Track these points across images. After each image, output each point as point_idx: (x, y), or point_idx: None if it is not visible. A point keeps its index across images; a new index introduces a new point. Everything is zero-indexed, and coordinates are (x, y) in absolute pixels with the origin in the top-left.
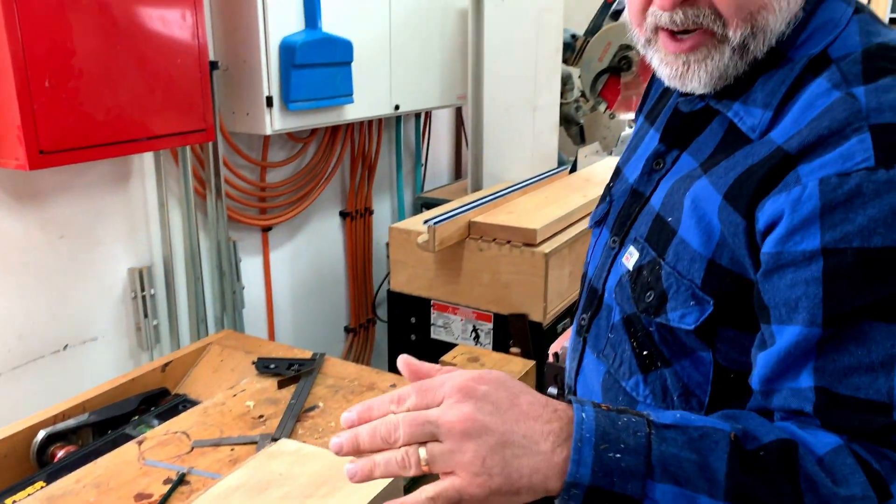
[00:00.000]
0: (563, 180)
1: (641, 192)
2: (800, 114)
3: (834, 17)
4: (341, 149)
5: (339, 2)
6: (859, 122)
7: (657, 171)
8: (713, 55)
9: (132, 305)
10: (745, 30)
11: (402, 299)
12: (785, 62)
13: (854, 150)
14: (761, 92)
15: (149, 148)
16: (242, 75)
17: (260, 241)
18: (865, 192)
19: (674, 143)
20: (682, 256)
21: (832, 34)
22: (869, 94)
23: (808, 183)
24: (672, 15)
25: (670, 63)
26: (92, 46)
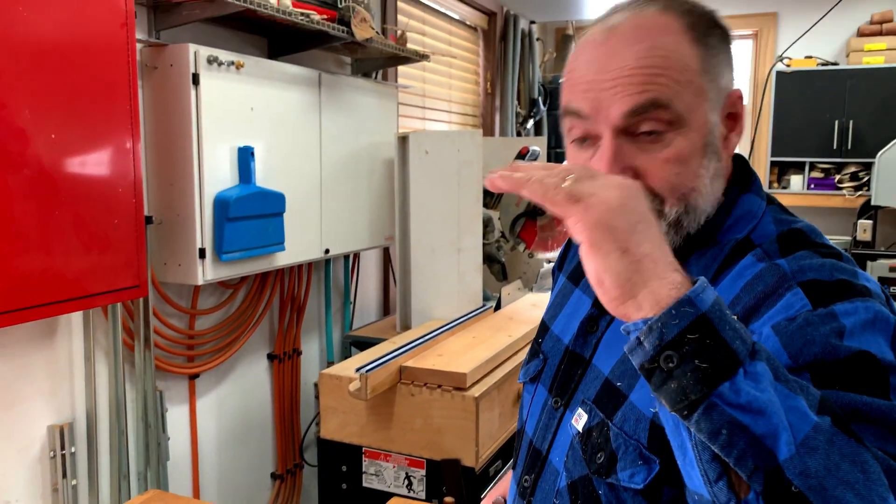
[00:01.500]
0: (488, 319)
1: (580, 354)
2: (730, 283)
3: (752, 209)
4: (271, 293)
5: (273, 156)
6: (788, 283)
7: (592, 334)
8: None
9: (49, 465)
10: (679, 208)
11: (332, 447)
12: (715, 243)
13: (792, 302)
14: (696, 267)
15: (82, 307)
16: (176, 228)
17: (187, 389)
18: (814, 322)
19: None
20: (628, 417)
21: (752, 223)
22: (790, 262)
23: (763, 330)
24: None
25: None
26: (31, 210)
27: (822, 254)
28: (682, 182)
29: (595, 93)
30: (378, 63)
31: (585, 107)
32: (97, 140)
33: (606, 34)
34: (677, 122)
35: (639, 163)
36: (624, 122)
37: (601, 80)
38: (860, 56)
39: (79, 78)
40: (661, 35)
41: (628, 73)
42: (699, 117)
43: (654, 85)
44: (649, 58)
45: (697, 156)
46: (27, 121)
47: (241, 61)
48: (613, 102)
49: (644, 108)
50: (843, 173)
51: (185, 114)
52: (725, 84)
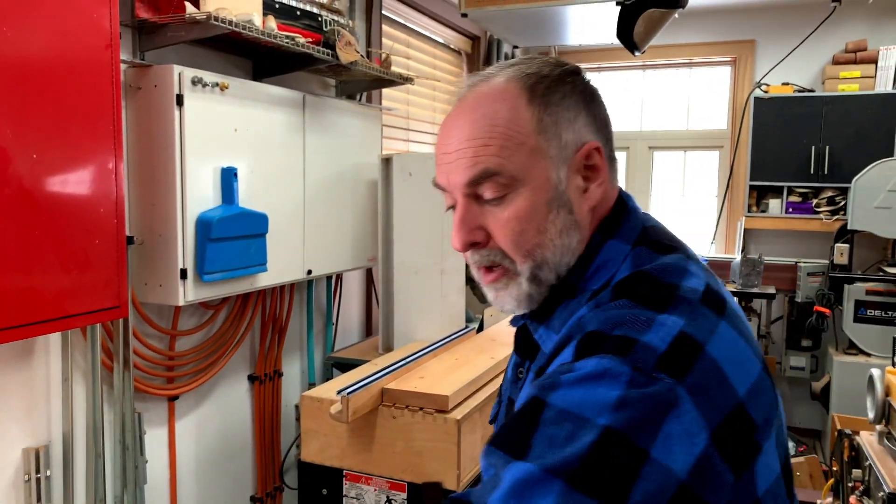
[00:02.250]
0: (471, 340)
1: (512, 400)
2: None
3: (612, 256)
4: (252, 314)
5: (256, 177)
6: (577, 335)
7: (520, 380)
8: (511, 285)
9: (24, 489)
10: (530, 264)
11: (313, 470)
12: (577, 293)
13: (566, 355)
14: (558, 319)
15: (61, 328)
16: (157, 248)
17: (166, 411)
18: (555, 373)
19: (524, 354)
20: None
21: (611, 270)
22: (598, 312)
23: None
24: (471, 255)
25: (487, 290)
26: (12, 230)
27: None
28: (524, 239)
29: (445, 166)
30: (362, 85)
31: (442, 181)
32: (80, 160)
33: (455, 106)
34: (513, 184)
35: (487, 223)
36: (467, 190)
37: (447, 154)
38: (835, 83)
39: (62, 98)
40: (496, 102)
41: (463, 145)
42: (538, 175)
43: (484, 156)
44: (479, 128)
45: (541, 212)
46: (8, 140)
47: (225, 83)
48: (456, 175)
49: (478, 178)
50: (821, 198)
51: (168, 134)
52: (574, 138)
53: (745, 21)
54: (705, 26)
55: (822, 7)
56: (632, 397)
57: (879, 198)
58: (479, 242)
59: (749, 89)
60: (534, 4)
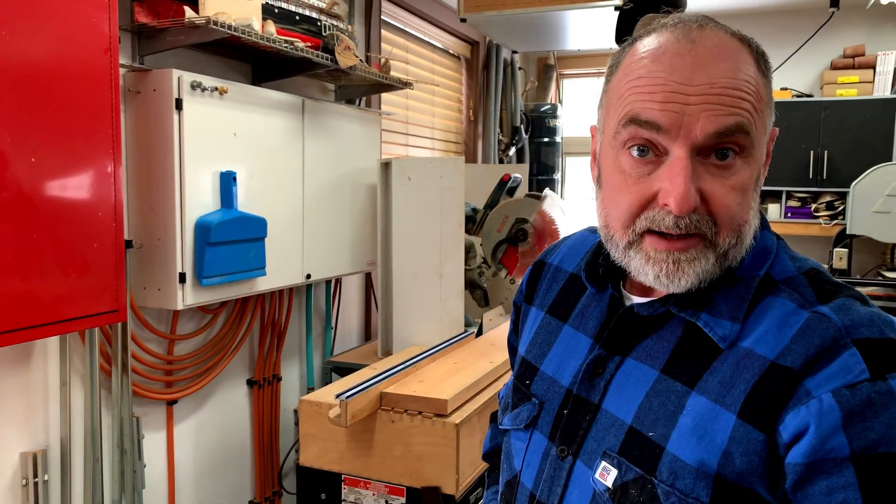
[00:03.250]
0: (469, 345)
1: (586, 399)
2: (777, 331)
3: (767, 245)
4: (251, 318)
5: (255, 182)
6: (843, 340)
7: (600, 377)
8: (701, 258)
9: (22, 493)
10: (732, 239)
11: (312, 474)
12: (736, 280)
13: (850, 365)
14: (725, 306)
15: (59, 331)
16: (156, 252)
17: (164, 415)
18: (875, 403)
19: (615, 348)
20: (680, 474)
21: (769, 260)
22: (838, 314)
23: (823, 396)
24: (678, 220)
25: (660, 261)
26: (10, 234)
27: (854, 297)
28: (740, 213)
29: (677, 105)
30: (361, 90)
31: (664, 120)
32: (78, 164)
33: (687, 44)
34: (749, 150)
35: (707, 186)
36: (706, 142)
37: (686, 92)
38: (834, 88)
39: (61, 102)
40: (742, 58)
41: (718, 90)
42: (760, 148)
43: (741, 109)
44: (737, 79)
45: (751, 187)
46: (7, 144)
47: (224, 87)
48: (699, 120)
49: (731, 131)
50: (819, 202)
51: (167, 138)
52: (772, 121)
53: (743, 26)
54: None
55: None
56: None
57: (878, 202)
58: (696, 208)
59: None
60: (532, 9)
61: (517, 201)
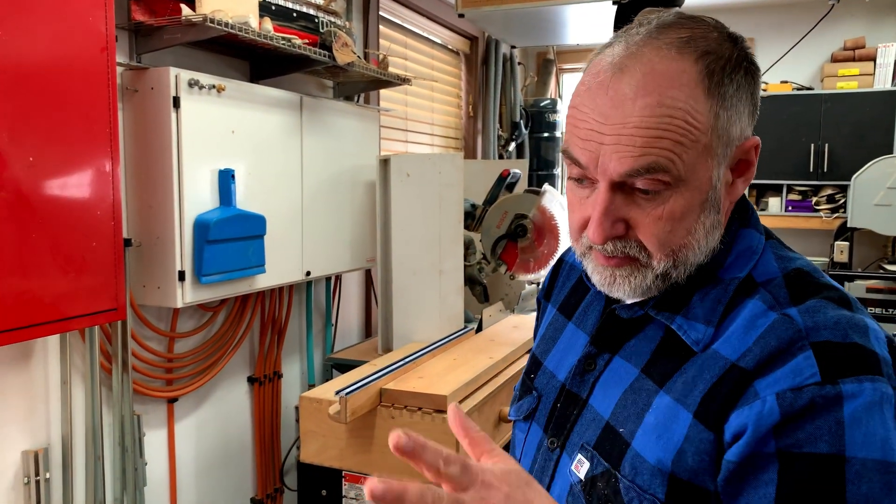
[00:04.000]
0: (470, 341)
1: (576, 394)
2: (743, 332)
3: (752, 245)
4: (251, 315)
5: (254, 179)
6: (802, 341)
7: (590, 373)
8: (636, 275)
9: (24, 492)
10: (667, 263)
11: (312, 471)
12: (716, 282)
13: (802, 367)
14: (700, 309)
15: (59, 330)
16: (155, 251)
17: (165, 413)
18: (817, 406)
19: (605, 345)
20: (640, 471)
21: (752, 260)
22: (803, 315)
23: (767, 397)
24: (603, 245)
25: (600, 272)
26: (8, 233)
27: (832, 300)
28: (672, 239)
29: (594, 144)
30: (360, 87)
31: (583, 158)
32: (76, 163)
33: (614, 75)
34: (675, 182)
35: (632, 215)
36: (621, 179)
37: (601, 132)
38: (834, 81)
39: (58, 101)
40: (672, 88)
41: (630, 130)
42: (701, 175)
43: (655, 148)
44: (654, 117)
45: (693, 213)
46: (5, 143)
47: (222, 84)
48: (611, 160)
49: (641, 172)
50: (820, 196)
51: (165, 136)
52: (739, 133)
53: (743, 19)
54: None
55: (820, 5)
56: None
57: (879, 195)
58: (619, 235)
59: None
60: (530, 4)
61: (516, 197)
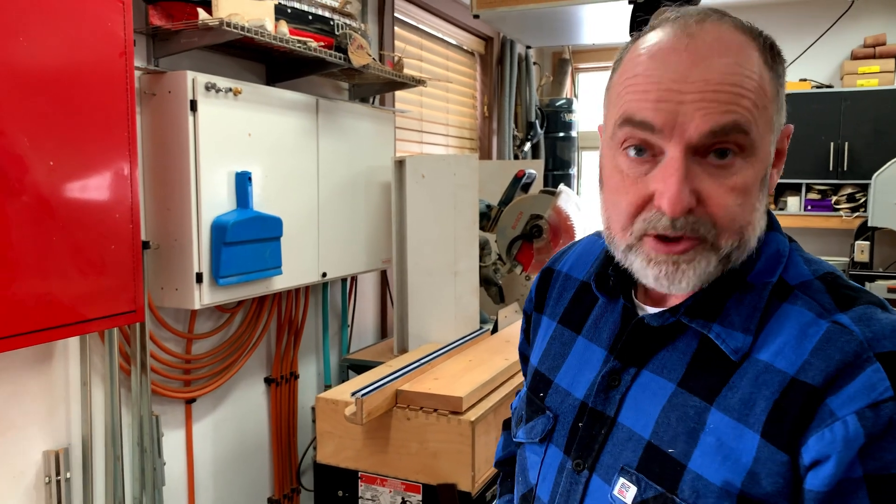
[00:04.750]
0: (485, 342)
1: (601, 412)
2: (796, 343)
3: (780, 248)
4: (268, 316)
5: (270, 181)
6: (867, 353)
7: (615, 389)
8: (702, 260)
9: (45, 491)
10: (734, 241)
11: (329, 471)
12: (749, 287)
13: (874, 381)
14: (737, 316)
15: (78, 332)
16: (173, 253)
17: (183, 413)
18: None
19: (630, 359)
20: (703, 493)
21: (781, 264)
22: (858, 324)
23: (848, 419)
24: (674, 221)
25: (660, 263)
26: (28, 236)
27: (874, 304)
28: (741, 214)
29: (672, 104)
30: (375, 88)
31: (657, 119)
32: (95, 166)
33: (684, 39)
34: (750, 149)
35: (704, 186)
36: (701, 141)
37: (681, 90)
38: (854, 79)
39: (78, 105)
40: (745, 52)
41: (714, 87)
42: (765, 148)
43: (739, 107)
44: (736, 75)
45: (756, 189)
46: (26, 148)
47: (238, 88)
48: (693, 119)
49: (726, 130)
50: (840, 195)
51: (182, 139)
52: (783, 119)
53: (761, 17)
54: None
55: (840, 2)
56: None
57: None
58: (692, 209)
59: None
60: (546, 4)
61: (532, 197)
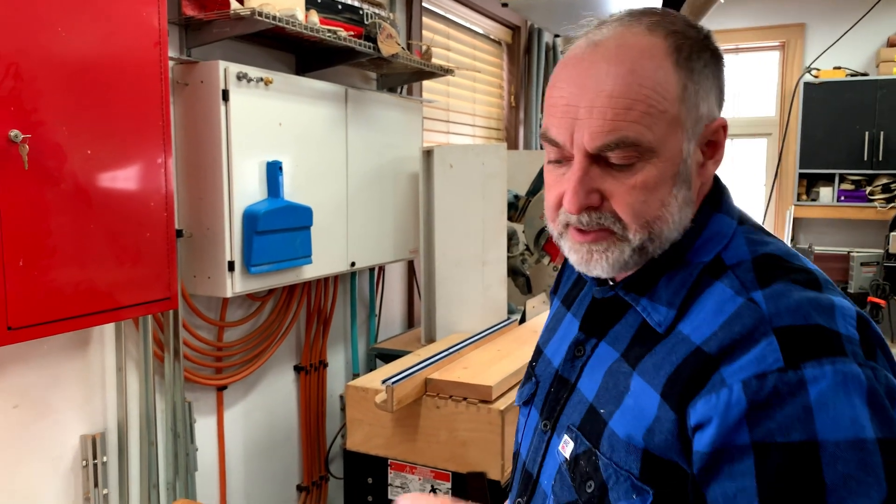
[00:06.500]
0: (513, 332)
1: (567, 379)
2: (711, 317)
3: (722, 230)
4: (298, 305)
5: (300, 171)
6: (764, 327)
7: (579, 358)
8: (613, 249)
9: (82, 474)
10: (643, 235)
11: (358, 459)
12: (683, 265)
13: (765, 353)
14: (665, 291)
15: (114, 318)
16: (205, 241)
17: (215, 400)
18: (781, 393)
19: (592, 331)
20: (616, 448)
21: (721, 244)
22: (767, 300)
23: (734, 385)
24: (579, 217)
25: (577, 250)
26: (67, 224)
27: (799, 282)
28: (646, 210)
29: (568, 120)
30: (403, 78)
31: (560, 136)
32: (131, 155)
33: (588, 50)
34: (647, 153)
35: (606, 186)
36: (596, 152)
37: (577, 104)
38: (890, 66)
39: (114, 95)
40: (643, 59)
41: (603, 101)
42: (672, 147)
43: (625, 122)
44: (625, 85)
45: (666, 185)
46: (65, 137)
47: (269, 77)
48: (584, 134)
49: (611, 146)
50: (875, 185)
51: (215, 129)
52: (707, 112)
53: (794, 4)
54: (752, 11)
55: None
56: (878, 401)
57: None
58: (594, 206)
59: (798, 74)
60: None
61: None
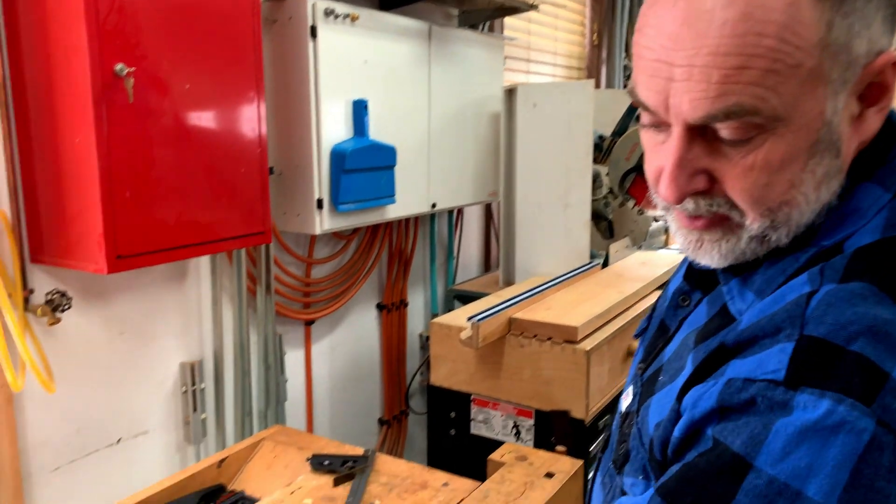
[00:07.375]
0: (596, 275)
1: (668, 327)
2: (767, 306)
3: (861, 206)
4: (380, 245)
5: (384, 110)
6: (791, 331)
7: (682, 308)
8: (728, 237)
9: (182, 399)
10: (763, 223)
11: (442, 393)
12: (802, 249)
13: (770, 359)
14: (762, 277)
15: (213, 250)
16: (295, 179)
17: (303, 334)
18: (757, 404)
19: (696, 284)
20: (648, 422)
21: (855, 225)
22: (822, 299)
23: (720, 381)
24: (683, 203)
25: (684, 235)
26: (168, 157)
27: (887, 290)
28: (769, 195)
29: (661, 80)
30: (485, 14)
31: (650, 100)
32: (226, 92)
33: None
34: (770, 124)
35: (716, 166)
36: (696, 123)
37: (670, 62)
38: None
39: (210, 33)
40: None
41: (704, 59)
42: (808, 109)
43: (737, 84)
44: (736, 37)
45: (798, 160)
46: (165, 72)
47: (356, 13)
48: (684, 101)
49: (720, 117)
50: None
51: (303, 66)
52: (867, 47)
53: None
54: None
55: None
56: (867, 472)
57: None
58: (700, 191)
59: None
60: None
61: None
